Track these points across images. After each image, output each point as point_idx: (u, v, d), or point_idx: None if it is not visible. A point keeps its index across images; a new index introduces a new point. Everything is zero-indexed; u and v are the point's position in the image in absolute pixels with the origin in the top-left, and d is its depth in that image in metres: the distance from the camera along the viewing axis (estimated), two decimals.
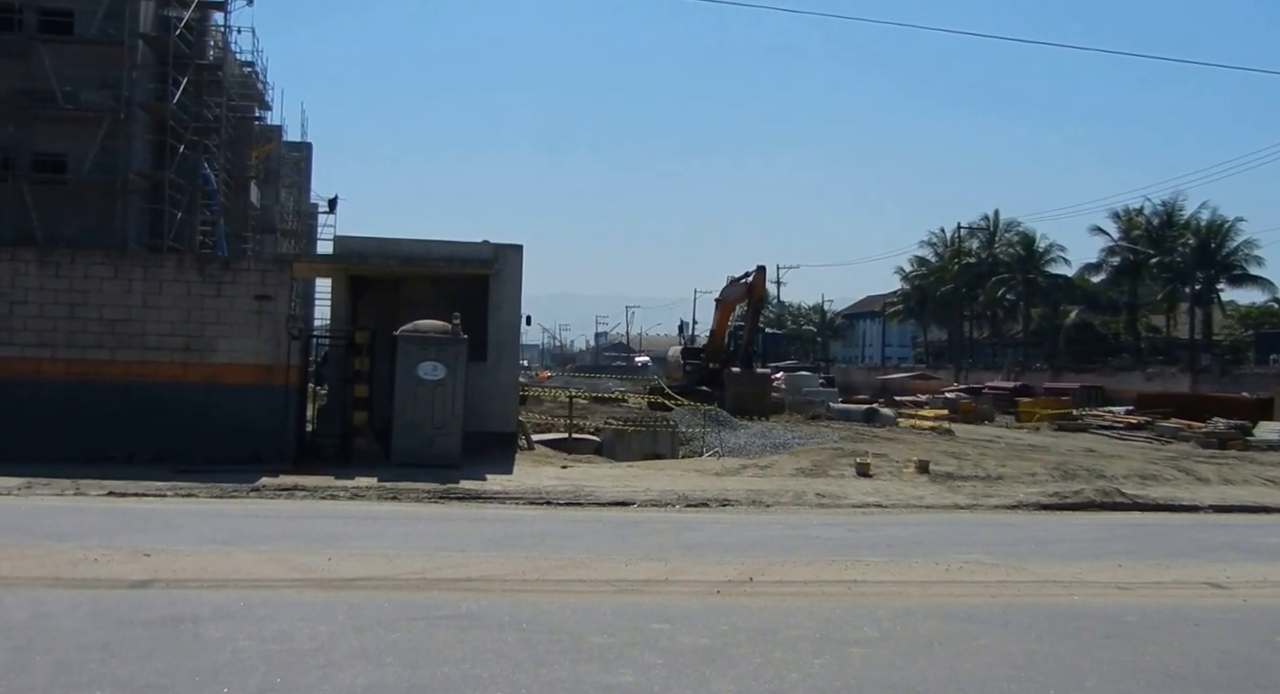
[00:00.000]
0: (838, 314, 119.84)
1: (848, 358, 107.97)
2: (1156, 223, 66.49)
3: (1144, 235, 66.51)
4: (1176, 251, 64.20)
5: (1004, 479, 18.62)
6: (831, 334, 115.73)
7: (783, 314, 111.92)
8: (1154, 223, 66.63)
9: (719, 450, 22.68)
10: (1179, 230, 65.23)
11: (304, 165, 57.60)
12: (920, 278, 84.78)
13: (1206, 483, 19.06)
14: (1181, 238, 64.62)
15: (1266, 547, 12.84)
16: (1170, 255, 64.27)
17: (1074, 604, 9.05)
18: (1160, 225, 66.22)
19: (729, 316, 40.91)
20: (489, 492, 15.29)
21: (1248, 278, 64.14)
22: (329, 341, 21.79)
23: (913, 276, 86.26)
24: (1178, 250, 64.17)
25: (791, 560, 10.71)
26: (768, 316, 65.65)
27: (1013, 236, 78.67)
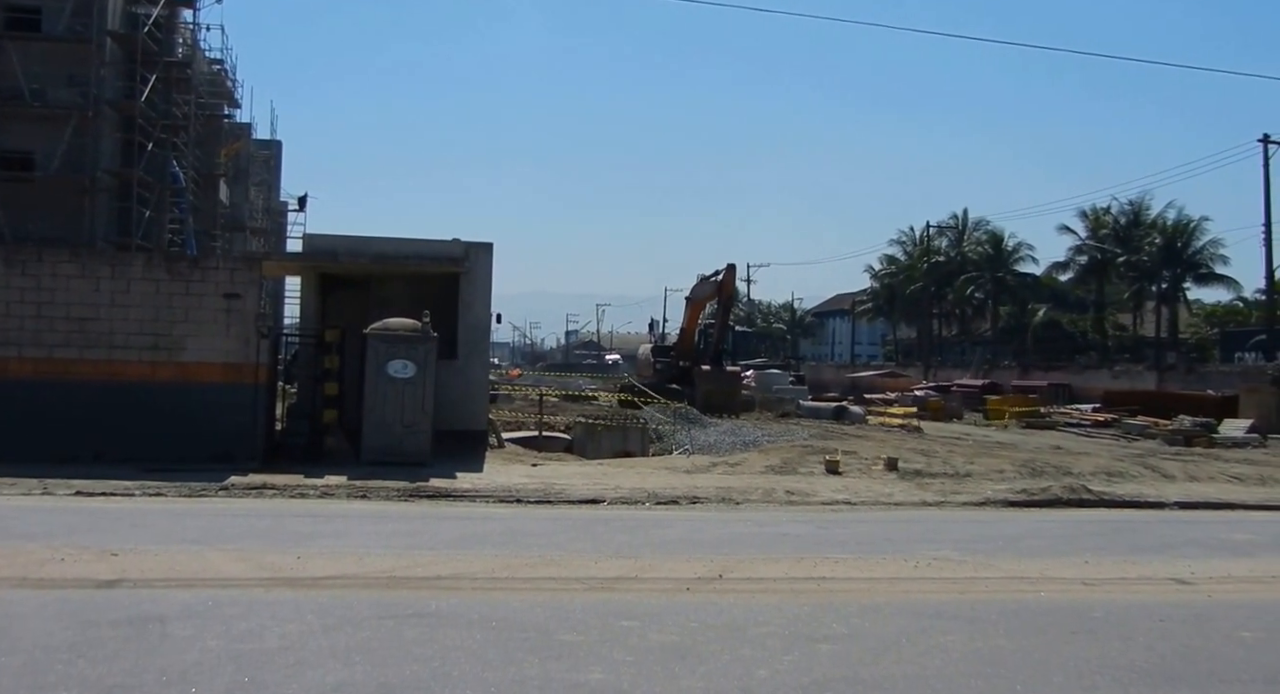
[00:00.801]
0: (807, 312, 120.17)
1: (818, 356, 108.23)
2: (1123, 222, 66.98)
3: (1111, 234, 67.00)
4: (1143, 250, 64.70)
5: (972, 476, 18.74)
6: (801, 332, 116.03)
7: (753, 312, 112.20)
8: (1121, 222, 67.12)
9: (689, 448, 22.73)
10: (1146, 229, 65.73)
11: (274, 163, 57.36)
12: (889, 276, 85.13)
13: (1172, 480, 19.24)
14: (1148, 237, 65.14)
15: (1231, 543, 12.97)
16: (1137, 254, 64.76)
17: (1041, 600, 9.12)
18: (1127, 224, 66.72)
19: (699, 315, 40.95)
20: (459, 490, 15.27)
21: (1213, 276, 64.73)
22: (299, 340, 21.70)
23: (882, 275, 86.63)
24: (1144, 249, 64.66)
25: (761, 558, 10.74)
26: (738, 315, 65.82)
27: (981, 235, 79.14)
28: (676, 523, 13.26)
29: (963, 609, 8.60)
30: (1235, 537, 13.41)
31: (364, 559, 9.84)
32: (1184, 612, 8.80)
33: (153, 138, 36.17)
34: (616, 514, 14.00)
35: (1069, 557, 11.37)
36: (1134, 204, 66.90)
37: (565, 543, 11.43)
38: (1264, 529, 14.22)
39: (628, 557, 10.48)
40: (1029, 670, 6.83)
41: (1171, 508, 16.17)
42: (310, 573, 9.14)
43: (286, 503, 13.99)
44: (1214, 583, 10.09)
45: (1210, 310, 75.12)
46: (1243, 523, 14.85)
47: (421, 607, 7.97)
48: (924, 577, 10.02)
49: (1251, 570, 10.92)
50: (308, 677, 6.17)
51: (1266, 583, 10.37)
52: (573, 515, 13.75)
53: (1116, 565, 10.91)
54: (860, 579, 9.80)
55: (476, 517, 13.36)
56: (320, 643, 6.89)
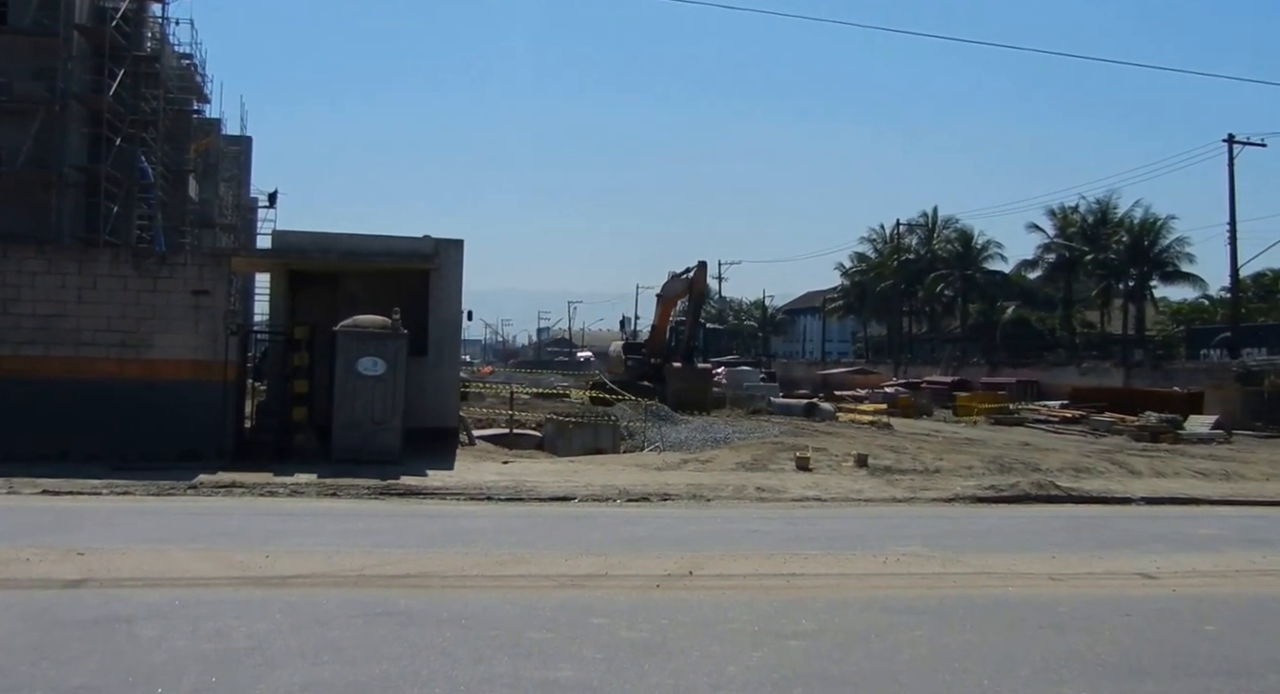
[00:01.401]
0: (778, 310, 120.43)
1: (788, 353, 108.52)
2: (1091, 220, 67.50)
3: (1079, 233, 67.52)
4: (1110, 249, 65.23)
5: (941, 472, 18.85)
6: (772, 329, 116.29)
7: (724, 310, 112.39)
8: (1089, 220, 67.65)
9: (660, 445, 22.77)
10: (1113, 228, 66.28)
11: (243, 159, 57.02)
12: (860, 274, 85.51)
13: (1139, 475, 19.41)
14: (1115, 235, 65.68)
15: (1196, 537, 13.08)
16: (1104, 252, 65.28)
17: (1008, 595, 9.19)
18: (1095, 223, 67.25)
19: (670, 312, 41.04)
20: (429, 488, 15.24)
21: (1179, 275, 65.37)
22: (268, 337, 21.59)
23: (853, 273, 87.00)
24: (1112, 247, 65.21)
25: (731, 554, 10.76)
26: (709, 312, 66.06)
27: (951, 233, 79.61)
28: (647, 520, 13.28)
29: (931, 604, 8.65)
30: (1200, 531, 13.54)
31: (333, 557, 9.80)
32: (1150, 606, 8.88)
33: (121, 133, 35.88)
34: (587, 511, 14.01)
35: (1036, 552, 11.46)
36: (1101, 203, 67.52)
37: (536, 540, 11.42)
38: (1228, 524, 14.36)
39: (598, 554, 10.48)
40: (996, 665, 6.87)
41: (1138, 503, 16.31)
42: (279, 572, 9.10)
43: (255, 501, 13.92)
44: (1179, 577, 10.18)
45: (1176, 308, 75.77)
46: (1208, 518, 15.00)
47: (391, 605, 7.95)
48: (893, 572, 10.07)
49: (1216, 565, 11.02)
50: (275, 676, 6.14)
51: (1230, 577, 10.47)
52: (543, 513, 13.75)
53: (1083, 560, 10.99)
54: (830, 575, 9.84)
55: (447, 515, 13.33)
56: (288, 642, 6.86)
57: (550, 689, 6.09)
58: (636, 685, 6.20)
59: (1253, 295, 70.10)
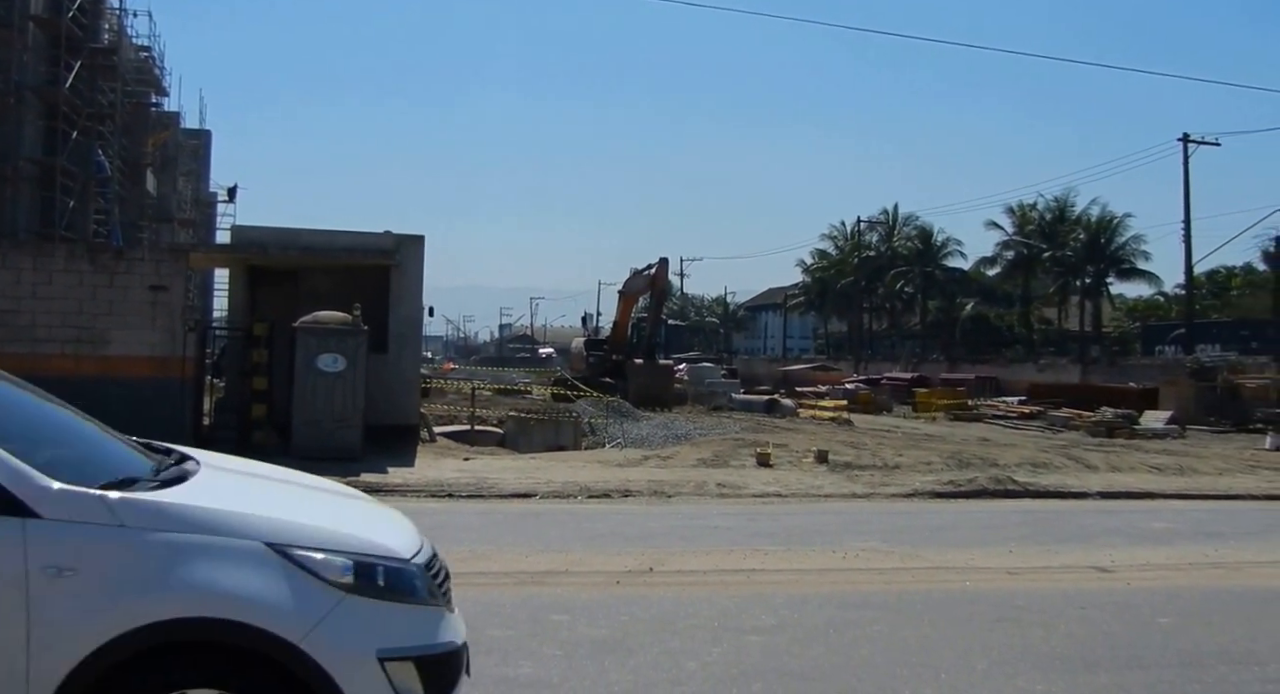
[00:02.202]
0: (740, 306, 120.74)
1: (750, 349, 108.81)
2: (1049, 218, 68.08)
3: (1037, 230, 68.11)
4: (1068, 246, 65.83)
5: (901, 468, 18.96)
6: (734, 326, 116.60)
7: (686, 306, 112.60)
8: (1047, 218, 68.23)
9: (622, 442, 22.77)
10: (1070, 225, 66.88)
11: (202, 153, 56.46)
12: (821, 271, 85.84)
13: (1095, 470, 19.60)
14: (1073, 233, 66.29)
15: (1150, 531, 13.25)
16: (1062, 250, 65.88)
17: (966, 590, 9.28)
18: (1053, 220, 67.83)
19: (632, 308, 41.03)
20: (390, 484, 15.17)
21: (1135, 272, 66.06)
22: (227, 334, 21.44)
23: (814, 269, 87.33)
24: (1069, 245, 65.81)
25: (691, 550, 10.81)
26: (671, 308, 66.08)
27: (911, 231, 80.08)
28: (608, 516, 13.30)
29: (889, 599, 8.72)
30: (1154, 525, 13.71)
31: None
32: (1104, 599, 8.99)
33: (77, 126, 35.43)
34: (548, 508, 14.01)
35: (994, 546, 11.57)
36: (1059, 201, 68.09)
37: (496, 537, 11.41)
38: (1182, 518, 14.54)
39: (558, 550, 10.50)
40: (953, 658, 6.94)
41: (1094, 498, 16.49)
42: None
43: None
44: (1134, 571, 10.32)
45: (1132, 305, 76.64)
46: (1162, 512, 15.17)
47: None
48: (852, 567, 10.14)
49: (1169, 558, 11.17)
50: None
51: (1184, 570, 10.62)
52: (504, 510, 13.74)
53: (1040, 555, 11.12)
54: (789, 571, 9.90)
55: (408, 512, 13.13)
56: None
57: (509, 686, 6.10)
58: (596, 682, 6.21)
59: (1207, 293, 71.10)
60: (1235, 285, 73.34)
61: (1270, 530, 13.68)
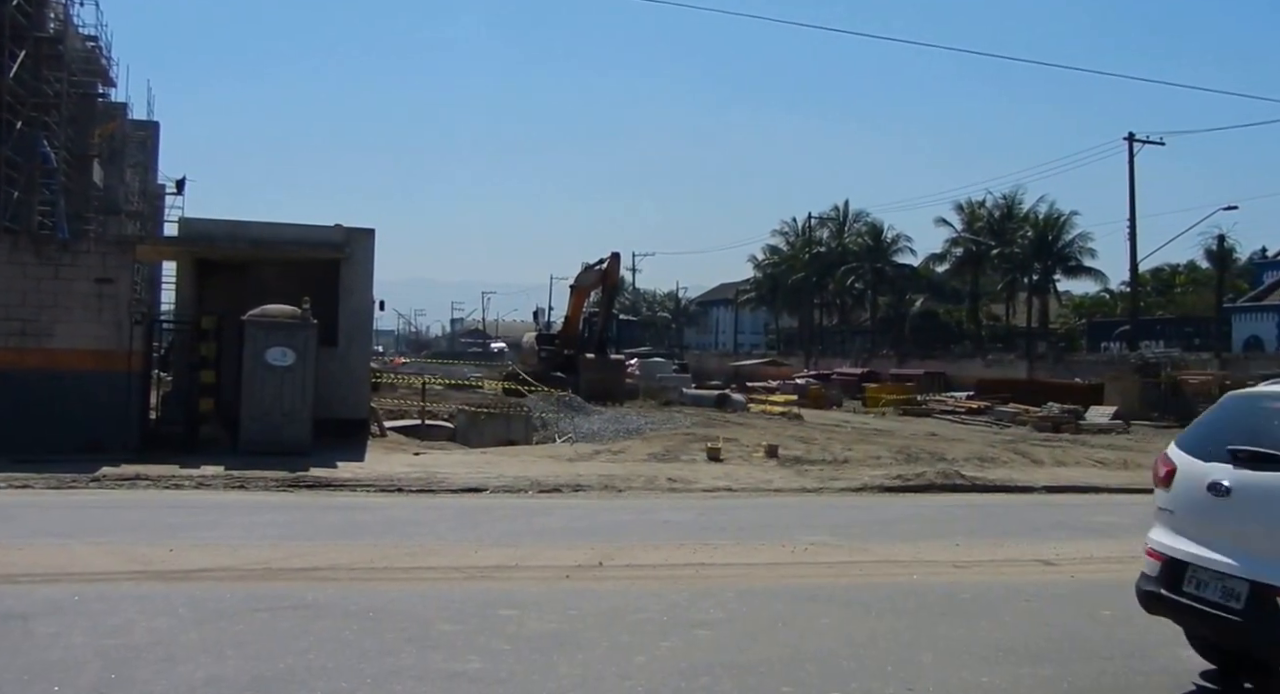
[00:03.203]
0: (692, 301, 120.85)
1: (701, 344, 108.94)
2: (998, 215, 68.65)
3: (985, 227, 68.67)
4: (1016, 243, 66.43)
5: (850, 462, 19.10)
6: (686, 321, 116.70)
7: (638, 301, 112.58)
8: (995, 215, 68.80)
9: (573, 436, 22.77)
10: (1018, 223, 67.49)
11: (150, 145, 55.67)
12: (772, 266, 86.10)
13: (1041, 465, 19.85)
14: (1021, 230, 66.90)
15: (1094, 525, 13.42)
16: (1010, 247, 66.47)
17: (913, 583, 9.35)
18: (1001, 218, 68.41)
19: (584, 303, 41.03)
20: (339, 479, 15.09)
21: (1082, 269, 66.75)
22: (174, 327, 21.21)
23: (765, 265, 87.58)
24: (1017, 242, 66.41)
25: (641, 544, 10.82)
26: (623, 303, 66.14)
27: (861, 227, 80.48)
28: (558, 511, 13.29)
29: (837, 592, 8.78)
30: (1098, 519, 13.89)
31: (239, 550, 9.68)
32: (1049, 592, 9.09)
33: (21, 116, 34.81)
34: (498, 502, 13.98)
35: (941, 540, 11.67)
36: (1007, 198, 68.68)
37: (446, 532, 11.38)
38: (1125, 511, 14.70)
39: (508, 545, 10.48)
40: (900, 651, 6.99)
41: (1040, 492, 16.67)
42: (182, 565, 8.95)
43: (160, 494, 13.68)
44: (1077, 564, 10.45)
45: (1078, 302, 77.51)
46: (1105, 506, 15.38)
47: (297, 598, 7.87)
48: (801, 561, 10.20)
49: (1112, 551, 11.28)
50: (177, 672, 6.04)
51: (1126, 563, 10.68)
52: (454, 504, 13.69)
53: (986, 548, 11.23)
54: (739, 565, 9.93)
55: (357, 506, 13.22)
56: (191, 637, 6.76)
57: (458, 681, 6.07)
58: (545, 676, 6.20)
59: (1151, 290, 72.10)
60: (1179, 283, 74.44)
61: None
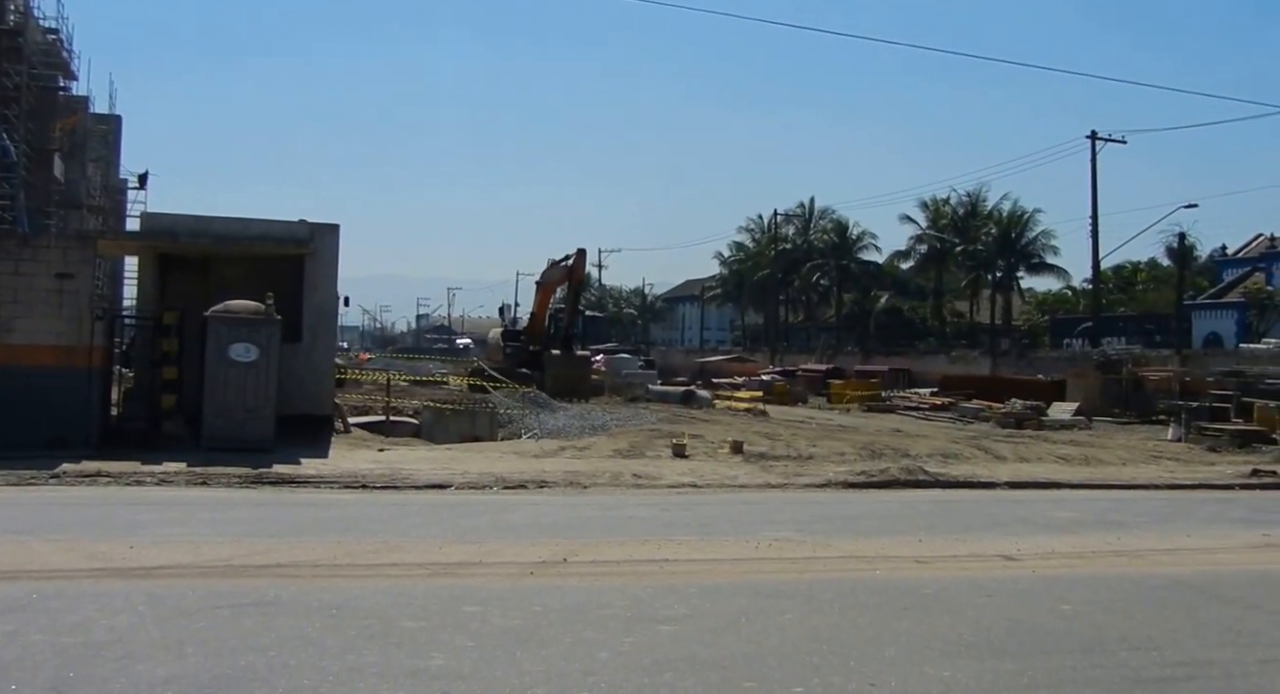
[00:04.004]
0: (658, 298, 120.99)
1: (667, 341, 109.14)
2: (962, 213, 69.18)
3: (950, 224, 69.17)
4: (980, 240, 66.94)
5: (815, 459, 19.16)
6: (652, 317, 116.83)
7: (604, 297, 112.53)
8: (959, 213, 69.33)
9: (538, 432, 22.73)
10: (982, 220, 68.02)
11: (113, 139, 55.13)
12: (738, 263, 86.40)
13: (1004, 461, 19.98)
14: (984, 227, 67.43)
15: (1056, 520, 13.51)
16: (974, 244, 66.97)
17: (876, 578, 9.39)
18: (965, 215, 68.93)
19: (549, 299, 40.93)
20: (303, 476, 15.01)
21: (1044, 266, 67.36)
22: (136, 322, 21.03)
23: (731, 262, 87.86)
24: (981, 239, 66.92)
25: (606, 541, 10.82)
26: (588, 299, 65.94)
27: (827, 224, 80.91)
28: (523, 507, 13.27)
29: (801, 588, 8.80)
30: (1059, 514, 13.99)
31: (201, 548, 9.61)
32: (1010, 587, 9.16)
33: None
34: (463, 499, 13.94)
35: (904, 535, 11.74)
36: (971, 196, 69.27)
37: (410, 528, 11.34)
38: (1086, 507, 14.87)
39: (472, 541, 10.46)
40: (862, 646, 7.03)
41: (1002, 488, 16.78)
42: (143, 562, 8.88)
43: (122, 491, 13.56)
44: (1039, 559, 10.52)
45: (1041, 298, 78.10)
46: (1067, 501, 15.49)
47: (259, 595, 7.82)
48: (764, 557, 10.22)
49: (1073, 546, 11.40)
50: (137, 670, 6.00)
51: (1087, 558, 10.85)
52: (419, 501, 13.64)
53: (948, 543, 11.29)
54: (703, 561, 9.95)
55: (320, 503, 13.15)
56: (152, 634, 6.71)
57: (421, 678, 6.05)
58: (508, 673, 6.20)
59: (1113, 287, 72.75)
60: (1140, 280, 75.13)
61: (1171, 519, 14.04)
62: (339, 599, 7.78)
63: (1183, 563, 10.71)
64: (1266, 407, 26.82)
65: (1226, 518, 14.32)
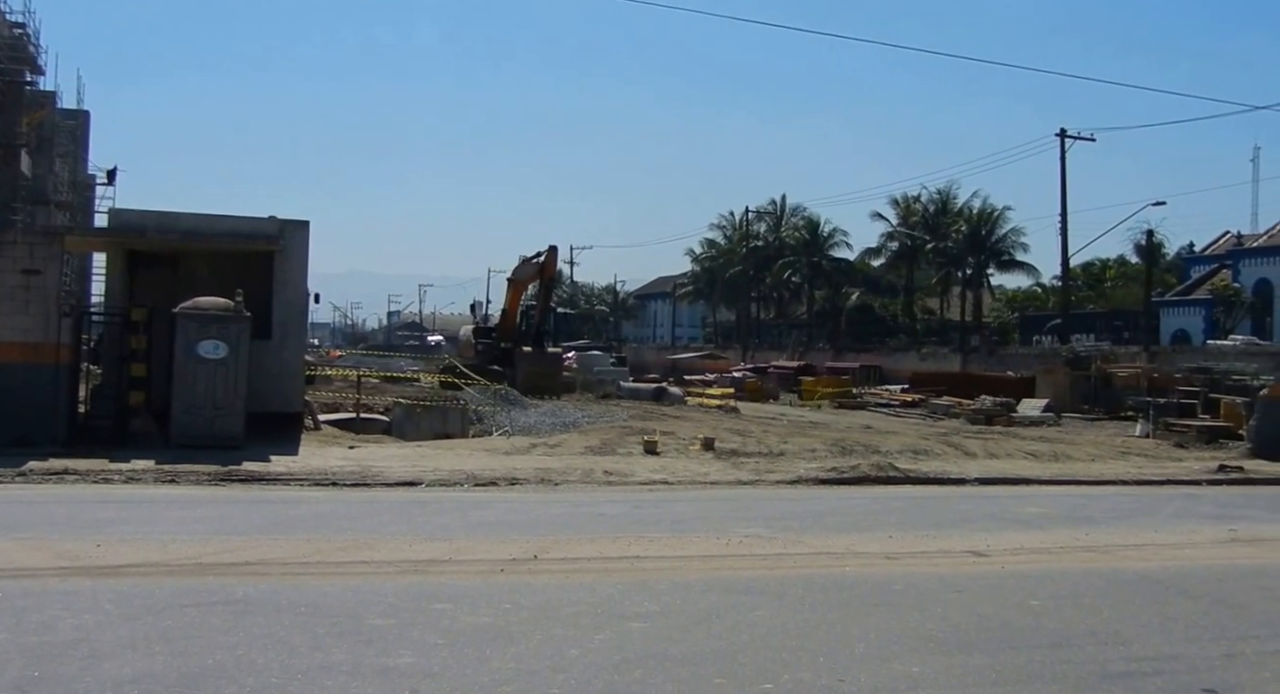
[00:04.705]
0: (630, 294, 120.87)
1: (639, 338, 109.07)
2: (932, 210, 69.48)
3: (921, 222, 69.46)
4: (950, 237, 67.24)
5: (785, 455, 19.21)
6: (623, 314, 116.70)
7: (576, 294, 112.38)
8: (930, 210, 69.62)
9: (509, 429, 22.68)
10: (953, 217, 68.33)
11: (80, 134, 54.67)
12: (710, 260, 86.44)
13: (973, 457, 20.08)
14: (955, 224, 67.74)
15: (1025, 516, 13.60)
16: (944, 241, 67.27)
17: (846, 574, 9.43)
18: (936, 212, 69.23)
19: (521, 296, 40.84)
20: (272, 473, 14.93)
21: (1014, 263, 67.72)
22: (104, 319, 20.87)
23: (703, 259, 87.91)
24: (951, 236, 67.22)
25: (576, 538, 10.82)
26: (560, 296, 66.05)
27: (798, 221, 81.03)
28: (494, 504, 13.25)
29: (771, 585, 8.83)
30: (1028, 510, 14.08)
31: (168, 545, 9.55)
32: (979, 583, 9.22)
33: None
34: (434, 496, 13.90)
35: (874, 532, 11.78)
36: (942, 193, 69.56)
37: (380, 526, 11.30)
38: (1055, 503, 14.97)
39: (443, 539, 10.44)
40: (832, 642, 7.06)
41: (972, 484, 16.86)
42: (110, 561, 8.82)
43: (89, 489, 13.46)
44: (1007, 554, 10.59)
45: (1011, 295, 78.55)
46: (1036, 497, 15.59)
47: (228, 593, 7.78)
48: (735, 554, 10.25)
49: (1042, 542, 11.49)
50: (103, 669, 5.96)
51: (1055, 553, 10.93)
52: (389, 498, 13.59)
53: (918, 539, 11.34)
54: (673, 557, 9.95)
55: (290, 500, 13.09)
56: (118, 633, 6.66)
57: (390, 676, 6.04)
58: (478, 670, 6.19)
59: (1082, 284, 73.21)
60: (1109, 277, 75.65)
61: (1138, 514, 14.15)
62: (308, 597, 7.75)
63: (1150, 558, 10.81)
64: (1233, 403, 27.00)
65: (1193, 513, 14.44)
